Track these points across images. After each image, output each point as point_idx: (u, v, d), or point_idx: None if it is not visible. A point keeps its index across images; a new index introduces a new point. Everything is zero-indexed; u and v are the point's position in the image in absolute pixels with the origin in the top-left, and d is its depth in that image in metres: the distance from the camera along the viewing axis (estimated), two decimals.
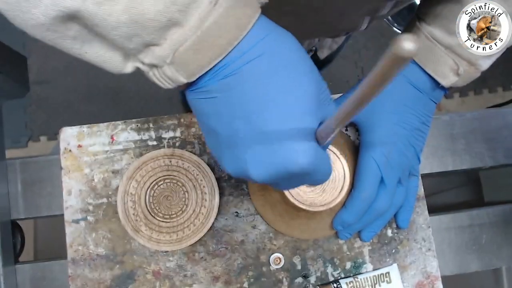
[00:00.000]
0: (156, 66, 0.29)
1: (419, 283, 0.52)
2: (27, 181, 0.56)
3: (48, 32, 0.26)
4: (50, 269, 0.54)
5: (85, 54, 0.29)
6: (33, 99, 1.52)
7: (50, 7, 0.25)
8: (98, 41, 0.28)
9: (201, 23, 0.27)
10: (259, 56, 0.29)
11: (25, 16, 0.25)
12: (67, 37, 0.27)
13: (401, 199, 0.50)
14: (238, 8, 0.27)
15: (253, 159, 0.30)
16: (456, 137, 0.59)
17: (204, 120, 0.32)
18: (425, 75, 0.47)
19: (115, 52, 0.29)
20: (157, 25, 0.26)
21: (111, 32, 0.26)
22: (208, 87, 0.30)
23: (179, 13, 0.26)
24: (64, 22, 0.26)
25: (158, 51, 0.28)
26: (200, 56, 0.28)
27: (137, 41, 0.27)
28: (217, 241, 0.51)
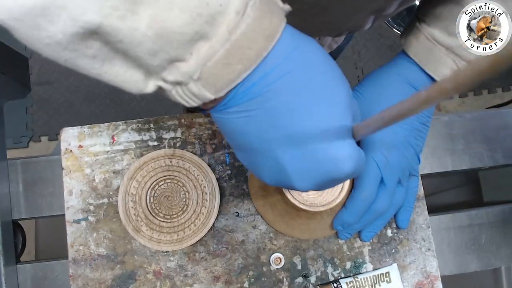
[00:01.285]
0: (180, 84, 0.27)
1: (419, 283, 0.52)
2: (28, 181, 0.56)
3: (65, 51, 0.24)
4: (51, 269, 0.54)
5: (104, 74, 0.27)
6: (34, 100, 1.52)
7: (69, 23, 0.22)
8: (119, 59, 0.26)
9: (229, 35, 0.25)
10: (292, 68, 0.28)
11: (40, 34, 0.23)
12: (86, 56, 0.25)
13: (401, 199, 0.50)
14: (266, 18, 0.26)
15: (297, 171, 0.30)
16: (456, 137, 0.59)
17: (236, 137, 0.31)
18: (425, 76, 0.47)
19: (137, 70, 0.27)
20: (183, 39, 0.25)
21: (135, 49, 0.25)
22: (239, 106, 0.28)
23: (206, 25, 0.25)
24: (84, 40, 0.24)
25: (184, 67, 0.26)
26: (229, 70, 0.26)
27: (162, 57, 0.25)
28: (218, 241, 0.51)
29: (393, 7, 0.42)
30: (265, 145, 0.30)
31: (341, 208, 0.50)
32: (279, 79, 0.28)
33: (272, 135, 0.29)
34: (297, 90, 0.28)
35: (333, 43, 0.71)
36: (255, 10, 0.26)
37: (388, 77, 0.48)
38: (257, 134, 0.29)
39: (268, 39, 0.27)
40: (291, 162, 0.30)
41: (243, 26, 0.26)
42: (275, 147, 0.29)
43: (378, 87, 0.49)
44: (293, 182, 0.31)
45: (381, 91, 0.48)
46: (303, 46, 0.29)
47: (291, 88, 0.28)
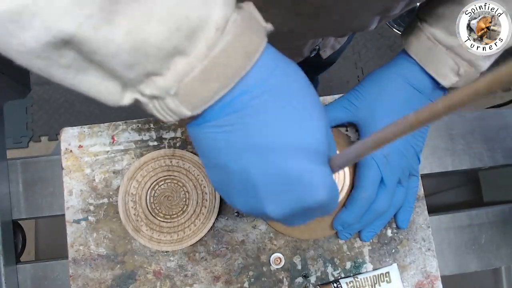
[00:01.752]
0: (157, 98, 0.26)
1: (419, 283, 0.52)
2: (28, 181, 0.56)
3: (38, 60, 0.23)
4: (51, 269, 0.54)
5: (78, 84, 0.26)
6: (34, 100, 1.52)
7: (42, 32, 0.21)
8: (94, 70, 0.25)
9: (208, 51, 0.25)
10: (271, 87, 0.27)
11: (11, 41, 0.22)
12: (60, 66, 0.24)
13: (401, 199, 0.50)
14: (246, 36, 0.26)
15: (268, 196, 0.29)
16: (456, 137, 0.59)
17: (210, 154, 0.30)
18: (425, 76, 0.47)
19: (112, 82, 0.26)
20: (160, 53, 0.24)
21: (110, 60, 0.24)
22: (216, 121, 0.28)
23: (184, 40, 0.24)
24: (58, 49, 0.23)
25: (161, 81, 0.25)
26: (207, 87, 0.26)
27: (138, 70, 0.25)
28: (218, 241, 0.52)
29: (399, 7, 0.42)
30: (239, 163, 0.29)
31: (341, 208, 0.50)
32: (258, 96, 0.27)
33: (247, 153, 0.28)
34: (275, 110, 0.28)
35: (336, 44, 0.71)
36: (236, 27, 0.25)
37: (388, 77, 0.48)
38: (231, 152, 0.29)
39: (248, 57, 0.26)
40: (264, 183, 0.29)
41: (223, 43, 0.25)
42: (249, 165, 0.28)
43: (378, 87, 0.49)
44: (265, 207, 0.29)
45: (381, 91, 0.48)
46: (284, 67, 0.29)
47: (269, 107, 0.28)
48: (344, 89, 0.51)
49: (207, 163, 0.31)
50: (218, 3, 0.25)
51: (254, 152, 0.28)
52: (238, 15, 0.26)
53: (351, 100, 0.50)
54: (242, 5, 0.27)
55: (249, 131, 0.28)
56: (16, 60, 0.23)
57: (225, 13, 0.25)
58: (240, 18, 0.26)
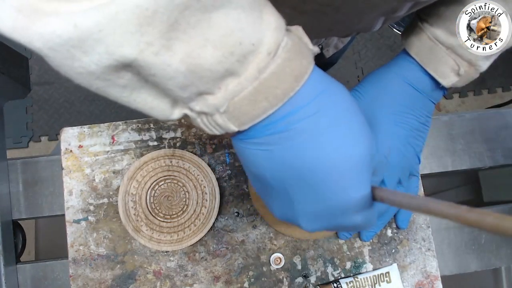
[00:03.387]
0: (206, 114, 0.28)
1: (419, 283, 0.52)
2: (28, 181, 0.56)
3: (97, 80, 0.25)
4: (51, 269, 0.54)
5: (133, 102, 0.27)
6: (34, 100, 1.52)
7: (104, 56, 0.23)
8: (148, 89, 0.27)
9: (259, 73, 0.26)
10: (316, 111, 0.28)
11: (73, 64, 0.23)
12: (117, 86, 0.26)
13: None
14: (296, 60, 0.27)
15: (306, 214, 0.30)
16: (456, 137, 0.59)
17: (253, 168, 0.31)
18: (425, 75, 0.47)
19: (164, 99, 0.27)
20: (213, 75, 0.25)
21: (167, 82, 0.25)
22: (261, 138, 0.29)
23: (237, 63, 0.25)
24: (117, 71, 0.24)
25: (212, 100, 0.26)
26: (255, 107, 0.27)
27: (191, 91, 0.26)
28: (218, 241, 0.52)
29: (405, 9, 0.42)
30: (279, 182, 0.30)
31: None
32: (303, 120, 0.28)
33: (287, 174, 0.29)
34: (318, 134, 0.28)
35: (339, 43, 0.71)
36: (286, 51, 0.26)
37: (388, 77, 0.48)
38: (272, 169, 0.29)
39: (297, 79, 0.27)
40: (302, 203, 0.30)
41: (273, 66, 0.26)
42: (289, 185, 0.29)
43: (378, 87, 0.49)
44: (301, 222, 0.31)
45: (381, 91, 0.48)
46: (331, 90, 0.29)
47: (313, 131, 0.28)
48: None
49: (248, 172, 0.32)
50: (270, 28, 0.26)
51: (293, 171, 0.29)
52: (289, 39, 0.27)
53: None
54: (291, 29, 0.28)
55: (290, 152, 0.28)
56: (75, 80, 0.25)
57: (276, 38, 0.26)
58: (291, 42, 0.27)
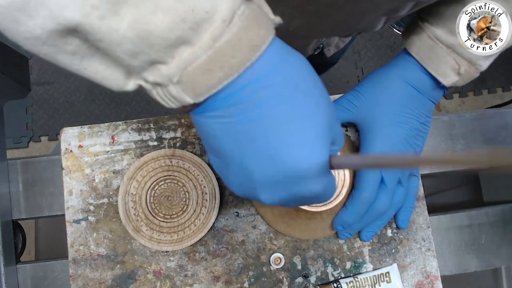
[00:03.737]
0: (160, 85, 0.27)
1: (419, 283, 0.52)
2: (28, 181, 0.56)
3: (44, 46, 0.24)
4: (51, 269, 0.54)
5: (84, 70, 0.27)
6: (34, 100, 1.52)
7: (48, 20, 0.22)
8: (99, 57, 0.26)
9: (213, 42, 0.25)
10: (275, 81, 0.28)
11: (19, 28, 0.23)
12: (65, 52, 0.25)
13: (401, 199, 0.50)
14: (253, 29, 0.26)
15: (264, 185, 0.30)
16: (456, 137, 0.59)
17: (210, 141, 0.30)
18: (425, 75, 0.47)
19: (117, 68, 0.27)
20: (165, 43, 0.24)
21: (115, 49, 0.24)
22: (218, 110, 0.28)
23: (190, 30, 0.24)
24: (63, 36, 0.24)
25: (165, 69, 0.26)
26: (210, 77, 0.26)
27: (142, 59, 0.25)
28: (218, 241, 0.52)
29: (407, 8, 0.42)
30: (237, 153, 0.29)
31: (341, 208, 0.50)
32: (261, 90, 0.27)
33: (246, 145, 0.29)
34: (277, 105, 0.28)
35: (340, 43, 0.71)
36: (243, 19, 0.26)
37: (388, 77, 0.48)
38: (231, 141, 0.29)
39: (253, 49, 0.26)
40: (260, 173, 0.29)
41: (228, 35, 0.25)
42: (247, 156, 0.29)
43: (378, 87, 0.49)
44: (259, 193, 0.30)
45: (381, 91, 0.48)
46: (291, 60, 0.29)
47: (271, 101, 0.28)
48: (344, 89, 0.51)
49: (207, 147, 0.32)
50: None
51: (252, 145, 0.29)
52: (246, 8, 0.26)
53: (351, 100, 0.50)
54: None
55: (248, 125, 0.28)
56: (23, 46, 0.24)
57: (232, 5, 0.25)
58: (248, 10, 0.26)
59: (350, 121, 0.50)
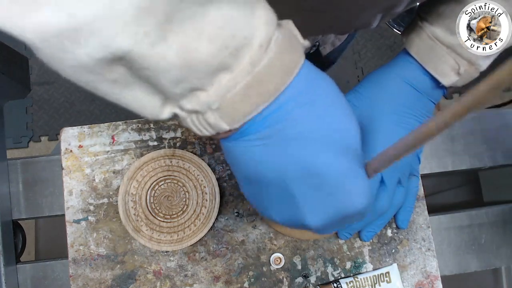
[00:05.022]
0: (197, 112, 0.27)
1: (419, 283, 0.52)
2: (28, 181, 0.56)
3: (88, 74, 0.24)
4: (51, 269, 0.54)
5: (123, 99, 0.26)
6: (34, 100, 1.52)
7: (98, 48, 0.22)
8: (139, 85, 0.26)
9: (252, 67, 0.26)
10: (309, 100, 0.28)
11: (65, 56, 0.22)
12: (108, 80, 0.25)
13: (401, 199, 0.50)
14: (287, 53, 0.27)
15: (309, 206, 0.30)
16: (456, 137, 0.59)
17: (246, 168, 0.30)
18: (425, 75, 0.47)
19: (155, 96, 0.27)
20: (208, 70, 0.25)
21: (160, 76, 0.24)
22: (253, 134, 0.28)
23: (230, 56, 0.25)
24: (110, 65, 0.23)
25: (204, 96, 0.26)
26: (248, 102, 0.26)
27: (184, 86, 0.25)
28: (218, 241, 0.52)
29: (404, 4, 0.42)
30: (278, 175, 0.29)
31: None
32: (296, 109, 0.28)
33: (286, 165, 0.29)
34: (313, 122, 0.28)
35: (336, 40, 0.71)
36: (278, 44, 0.26)
37: (388, 77, 0.48)
38: (270, 163, 0.29)
39: (288, 73, 0.27)
40: (304, 194, 0.30)
41: (266, 60, 0.26)
42: (288, 177, 0.29)
43: (378, 87, 0.49)
44: (305, 217, 0.30)
45: (381, 91, 0.48)
46: (320, 81, 0.29)
47: (307, 119, 0.28)
48: (344, 89, 0.50)
49: (241, 177, 0.32)
50: (262, 22, 0.26)
51: (293, 162, 0.29)
52: (280, 33, 0.27)
53: (351, 100, 0.50)
54: (282, 23, 0.28)
55: (288, 143, 0.28)
56: (64, 74, 0.24)
57: (268, 32, 0.26)
58: (282, 36, 0.27)
59: None
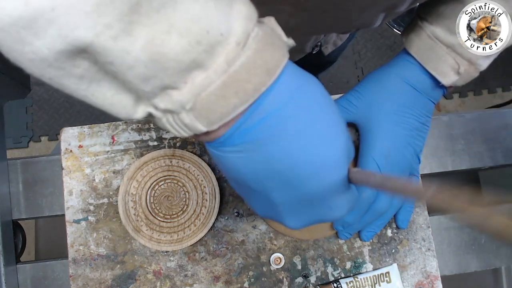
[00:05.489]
0: (171, 112, 0.26)
1: (419, 283, 0.52)
2: (28, 181, 0.56)
3: (50, 69, 0.22)
4: (51, 269, 0.54)
5: (91, 96, 0.25)
6: (34, 100, 1.52)
7: (57, 39, 0.20)
8: (107, 81, 0.24)
9: (227, 66, 0.24)
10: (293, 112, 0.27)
11: (24, 48, 0.21)
12: (73, 76, 0.23)
13: (401, 199, 0.50)
14: (267, 52, 0.25)
15: (289, 213, 0.30)
16: (456, 137, 0.59)
17: (231, 173, 0.30)
18: (425, 75, 0.47)
19: (126, 94, 0.25)
20: (179, 66, 0.23)
21: (126, 72, 0.23)
22: (237, 145, 0.27)
23: (204, 53, 0.23)
24: (72, 58, 0.22)
25: (177, 95, 0.24)
26: (224, 103, 0.25)
27: (154, 84, 0.24)
28: (218, 241, 0.52)
29: (406, 4, 0.42)
30: (259, 185, 0.29)
31: None
32: (279, 123, 0.27)
33: (267, 178, 0.28)
34: (296, 137, 0.27)
35: (338, 40, 0.71)
36: (257, 42, 0.25)
37: (388, 77, 0.48)
38: (252, 174, 0.28)
39: (269, 73, 0.25)
40: (285, 204, 0.30)
41: (243, 58, 0.24)
42: (270, 189, 0.29)
43: (378, 87, 0.49)
44: (285, 220, 0.32)
45: (381, 91, 0.48)
46: (306, 86, 0.28)
47: (290, 133, 0.27)
48: (344, 89, 0.50)
49: (227, 176, 0.32)
50: (240, 17, 0.24)
51: (274, 176, 0.28)
52: (260, 30, 0.25)
53: (351, 100, 0.50)
54: (263, 20, 0.27)
55: (270, 157, 0.27)
56: (26, 68, 0.23)
57: (246, 28, 0.24)
58: (262, 33, 0.25)
59: (350, 121, 0.50)
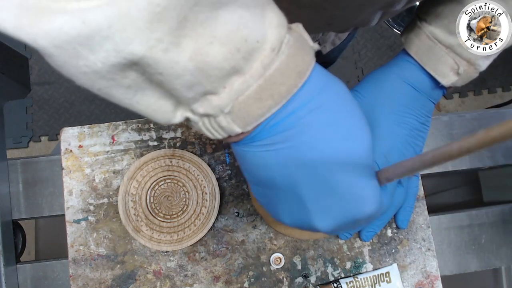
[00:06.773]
0: (209, 116, 0.27)
1: (419, 283, 0.52)
2: (28, 181, 0.56)
3: (101, 80, 0.24)
4: (51, 269, 0.54)
5: (136, 104, 0.27)
6: (34, 100, 1.52)
7: (111, 53, 0.22)
8: (152, 90, 0.26)
9: (264, 70, 0.26)
10: (320, 104, 0.28)
11: (78, 63, 0.22)
12: (121, 86, 0.25)
13: (401, 199, 0.50)
14: (298, 56, 0.27)
15: (317, 211, 0.30)
16: (456, 137, 0.59)
17: (257, 171, 0.31)
18: (424, 75, 0.47)
19: (167, 101, 0.27)
20: (220, 73, 0.25)
21: (174, 81, 0.24)
22: (265, 139, 0.29)
23: (242, 60, 0.25)
24: (123, 70, 0.24)
25: (216, 100, 0.26)
26: (260, 105, 0.27)
27: (197, 90, 0.25)
28: (218, 241, 0.52)
29: (402, 3, 0.42)
30: (288, 180, 0.30)
31: None
32: (308, 114, 0.28)
33: (296, 169, 0.29)
34: (324, 126, 0.29)
35: (336, 39, 0.71)
36: (289, 47, 0.27)
37: (387, 77, 0.48)
38: (281, 168, 0.29)
39: (300, 75, 0.27)
40: (313, 198, 0.30)
41: (277, 63, 0.26)
42: (299, 182, 0.29)
43: (377, 87, 0.49)
44: (314, 220, 0.31)
45: (381, 91, 0.48)
46: (332, 84, 0.30)
47: (319, 124, 0.28)
48: None
49: (252, 179, 0.32)
50: (273, 25, 0.26)
51: (304, 168, 0.29)
52: (290, 36, 0.27)
53: None
54: (292, 26, 0.28)
55: (299, 149, 0.29)
56: (77, 80, 0.24)
57: (279, 35, 0.26)
58: (293, 39, 0.27)
59: None
